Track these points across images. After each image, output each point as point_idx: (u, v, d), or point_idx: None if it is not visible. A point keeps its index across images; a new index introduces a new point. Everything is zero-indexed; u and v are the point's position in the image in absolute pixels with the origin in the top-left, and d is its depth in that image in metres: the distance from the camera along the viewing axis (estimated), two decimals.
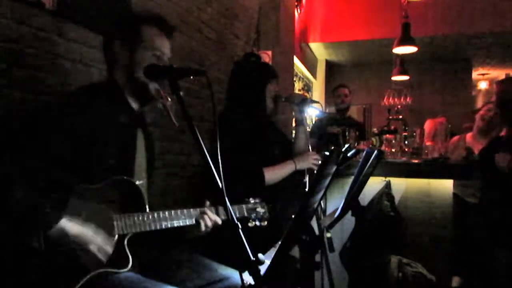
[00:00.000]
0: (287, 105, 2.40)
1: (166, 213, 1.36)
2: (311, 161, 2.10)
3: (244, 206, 1.64)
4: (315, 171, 2.03)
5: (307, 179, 2.02)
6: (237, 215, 1.60)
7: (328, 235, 1.37)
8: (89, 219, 1.21)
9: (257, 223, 1.65)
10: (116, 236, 1.26)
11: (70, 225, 1.16)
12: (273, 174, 2.04)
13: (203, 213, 1.43)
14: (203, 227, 1.42)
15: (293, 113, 2.29)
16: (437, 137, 3.99)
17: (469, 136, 3.67)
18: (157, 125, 2.36)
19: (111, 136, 1.34)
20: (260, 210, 1.66)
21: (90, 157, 1.28)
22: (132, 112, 1.45)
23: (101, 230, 1.22)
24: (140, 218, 1.31)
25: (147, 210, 1.34)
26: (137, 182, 1.37)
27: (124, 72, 1.43)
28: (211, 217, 1.43)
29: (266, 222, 1.66)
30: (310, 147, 2.21)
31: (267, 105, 2.11)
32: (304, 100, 2.22)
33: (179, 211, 1.40)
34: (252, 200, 1.67)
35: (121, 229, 1.27)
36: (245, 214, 1.63)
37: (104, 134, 1.32)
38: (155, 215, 1.34)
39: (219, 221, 1.45)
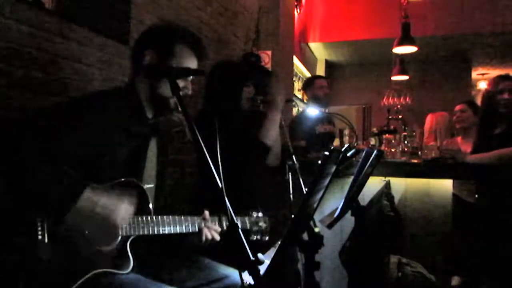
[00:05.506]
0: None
1: (170, 218, 1.36)
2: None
3: (247, 218, 1.63)
4: (296, 169, 2.03)
5: (289, 176, 2.01)
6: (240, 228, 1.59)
7: (317, 229, 1.37)
8: (97, 214, 1.22)
9: (259, 237, 1.64)
10: (120, 237, 1.27)
11: (94, 195, 1.19)
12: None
13: (208, 227, 1.44)
14: (203, 238, 1.43)
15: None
16: (437, 132, 3.98)
17: (459, 138, 3.68)
18: None
19: (122, 142, 1.34)
20: (262, 224, 1.65)
21: (99, 161, 1.28)
22: (146, 121, 1.45)
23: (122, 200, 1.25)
24: (144, 221, 1.31)
25: (152, 213, 1.34)
26: (146, 186, 1.38)
27: (146, 82, 1.42)
28: (208, 236, 1.44)
29: (267, 237, 1.65)
30: (291, 148, 2.20)
31: (241, 107, 2.12)
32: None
33: (182, 218, 1.40)
34: (255, 214, 1.66)
35: (124, 231, 1.27)
36: (248, 227, 1.62)
37: (115, 140, 1.32)
38: (159, 219, 1.34)
39: (217, 238, 1.46)
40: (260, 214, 1.67)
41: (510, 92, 2.56)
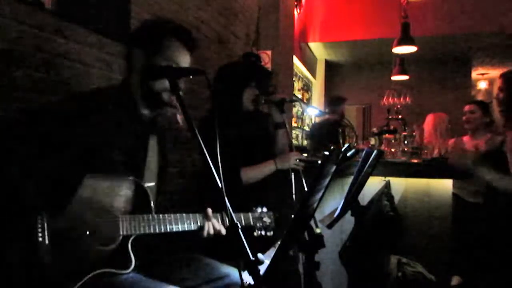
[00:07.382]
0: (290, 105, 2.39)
1: (172, 216, 1.36)
2: (293, 161, 2.10)
3: (250, 214, 1.63)
4: (300, 171, 2.03)
5: (292, 177, 2.01)
6: (243, 224, 1.59)
7: (318, 230, 1.37)
8: (98, 202, 1.22)
9: (263, 232, 1.64)
10: (121, 237, 1.27)
11: (94, 182, 1.20)
12: (251, 173, 2.06)
13: (208, 220, 1.43)
14: (205, 234, 1.42)
15: (273, 115, 2.26)
16: (436, 132, 3.98)
17: (466, 137, 3.66)
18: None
19: (118, 140, 1.34)
20: (267, 219, 1.65)
21: (97, 160, 1.28)
22: (142, 118, 1.45)
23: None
24: (145, 219, 1.31)
25: (153, 212, 1.34)
26: (147, 185, 1.38)
27: (139, 79, 1.42)
28: (216, 227, 1.44)
29: (272, 232, 1.65)
30: (293, 148, 2.20)
31: (244, 108, 2.12)
32: (283, 100, 2.22)
33: (184, 215, 1.40)
34: (259, 209, 1.66)
35: (125, 230, 1.27)
36: (251, 223, 1.62)
37: (111, 138, 1.32)
38: (160, 217, 1.34)
39: (223, 231, 1.45)
40: (265, 209, 1.67)
41: (501, 91, 2.43)
